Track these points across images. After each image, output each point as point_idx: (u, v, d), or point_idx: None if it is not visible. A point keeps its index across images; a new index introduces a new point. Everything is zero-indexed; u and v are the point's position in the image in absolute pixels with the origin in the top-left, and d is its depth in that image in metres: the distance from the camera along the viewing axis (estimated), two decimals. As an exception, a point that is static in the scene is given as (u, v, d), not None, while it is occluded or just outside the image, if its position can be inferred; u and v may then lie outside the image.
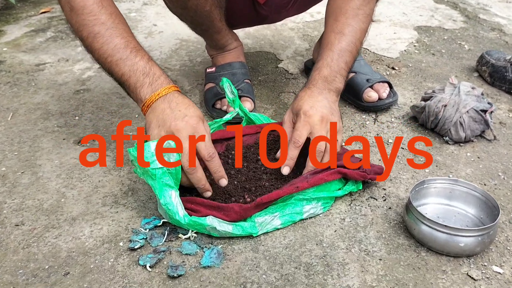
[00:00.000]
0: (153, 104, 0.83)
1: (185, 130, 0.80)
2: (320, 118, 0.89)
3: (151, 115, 0.83)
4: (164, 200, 0.80)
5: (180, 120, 0.80)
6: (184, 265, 0.78)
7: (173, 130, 0.80)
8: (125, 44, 0.86)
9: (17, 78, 1.41)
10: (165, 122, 0.81)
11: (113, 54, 0.85)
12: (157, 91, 0.84)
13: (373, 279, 0.76)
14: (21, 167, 1.02)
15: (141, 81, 0.84)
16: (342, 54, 0.96)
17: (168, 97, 0.84)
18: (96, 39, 0.86)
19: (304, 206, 0.86)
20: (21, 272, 0.77)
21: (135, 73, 0.85)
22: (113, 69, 0.86)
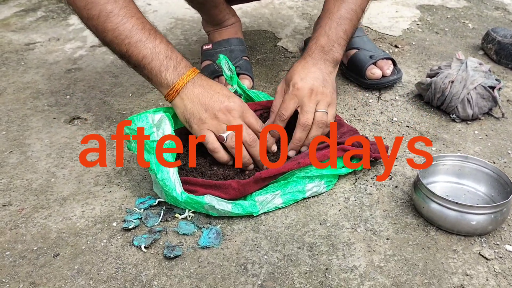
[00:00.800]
0: (183, 90, 0.80)
1: (236, 111, 0.80)
2: (309, 91, 0.85)
3: (187, 101, 0.80)
4: (162, 176, 0.76)
5: (228, 102, 0.80)
6: (181, 246, 0.74)
7: (225, 111, 0.79)
8: (142, 25, 0.80)
9: (5, 57, 1.36)
10: (212, 106, 0.79)
11: (131, 35, 0.79)
12: (184, 75, 0.80)
13: (381, 259, 0.72)
14: (9, 147, 0.97)
15: (165, 65, 0.80)
16: (341, 22, 0.92)
17: (197, 81, 0.81)
18: (109, 19, 0.79)
19: (306, 184, 0.82)
20: (8, 254, 0.73)
21: (157, 56, 0.79)
22: (131, 51, 0.80)
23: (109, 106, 1.11)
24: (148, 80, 0.83)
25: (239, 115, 0.80)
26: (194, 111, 0.79)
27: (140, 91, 1.17)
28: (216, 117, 0.79)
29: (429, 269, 0.70)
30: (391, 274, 0.69)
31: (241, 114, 0.81)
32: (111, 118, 1.07)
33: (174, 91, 0.80)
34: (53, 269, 0.70)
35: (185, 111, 0.80)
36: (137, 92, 1.17)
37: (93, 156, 0.94)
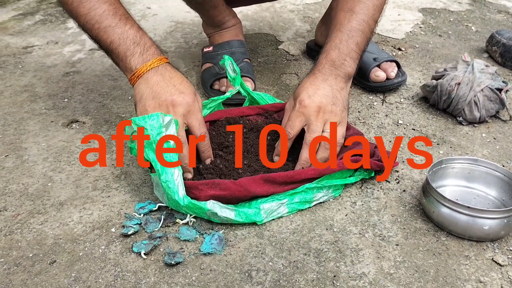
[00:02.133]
0: (144, 75, 0.79)
1: (181, 107, 0.78)
2: (316, 109, 0.81)
3: (142, 85, 0.79)
4: (166, 177, 0.73)
5: (177, 96, 0.78)
6: (183, 252, 0.71)
7: (169, 104, 0.77)
8: (114, 11, 0.81)
9: (3, 61, 1.33)
10: (160, 95, 0.78)
11: (101, 20, 0.80)
12: (149, 61, 0.80)
13: (391, 265, 0.69)
14: (5, 151, 0.95)
15: (131, 50, 0.80)
16: (352, 35, 0.86)
17: (161, 70, 0.80)
18: (82, 4, 0.80)
19: (315, 194, 0.79)
20: (2, 261, 0.70)
21: (125, 41, 0.80)
22: (100, 36, 0.80)
23: (108, 109, 1.09)
24: (116, 65, 0.83)
25: (182, 113, 0.78)
26: (143, 96, 0.78)
27: (139, 94, 1.14)
28: (158, 107, 0.77)
29: (441, 276, 0.68)
30: (401, 281, 0.67)
31: (185, 113, 0.78)
32: (110, 121, 1.04)
33: (135, 76, 0.80)
34: (49, 277, 0.67)
35: (137, 94, 0.79)
36: (136, 95, 1.14)
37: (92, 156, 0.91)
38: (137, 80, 0.79)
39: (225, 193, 0.75)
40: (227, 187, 0.76)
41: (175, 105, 0.77)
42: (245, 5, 1.39)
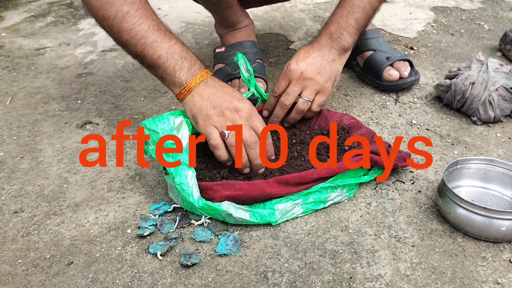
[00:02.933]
0: (195, 88, 0.79)
1: (244, 112, 0.79)
2: (299, 74, 0.88)
3: (197, 98, 0.79)
4: (180, 180, 0.73)
5: (237, 102, 0.79)
6: (198, 253, 0.71)
7: (233, 110, 0.78)
8: (158, 27, 0.81)
9: (16, 62, 1.34)
10: (221, 104, 0.78)
11: (147, 36, 0.79)
12: (197, 75, 0.80)
13: (407, 267, 0.69)
14: (20, 152, 0.95)
15: (179, 65, 0.80)
16: (352, 10, 0.91)
17: (210, 82, 0.81)
18: (126, 19, 0.79)
19: (329, 194, 0.79)
20: (20, 262, 0.70)
21: (173, 56, 0.80)
22: (147, 51, 0.80)
23: (121, 110, 1.09)
24: (161, 79, 0.83)
25: (246, 117, 0.79)
26: (202, 107, 0.79)
27: (152, 95, 1.15)
28: (223, 114, 0.78)
29: (458, 277, 0.67)
30: (418, 283, 0.66)
31: (248, 117, 0.80)
32: (124, 122, 1.05)
33: (186, 90, 0.80)
34: (67, 277, 0.68)
35: (194, 107, 0.79)
36: (149, 96, 1.15)
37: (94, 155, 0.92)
38: (188, 94, 0.80)
39: (240, 193, 0.75)
40: (242, 188, 0.76)
41: (238, 111, 0.78)
42: (256, 6, 1.39)
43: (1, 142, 0.99)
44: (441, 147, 0.95)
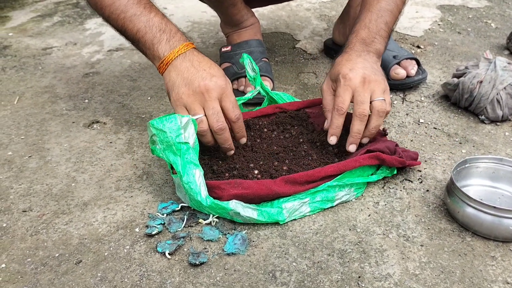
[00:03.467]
0: (173, 62, 0.79)
1: (215, 91, 0.77)
2: (361, 80, 0.81)
3: (173, 73, 0.79)
4: (187, 178, 0.73)
5: (209, 80, 0.77)
6: (206, 252, 0.71)
7: (203, 90, 0.77)
8: (138, 0, 0.81)
9: (23, 62, 1.35)
10: (192, 82, 0.77)
11: (126, 10, 0.80)
12: (176, 48, 0.79)
13: (416, 266, 0.68)
14: (28, 151, 0.96)
15: (158, 38, 0.79)
16: (381, 14, 0.89)
17: (188, 55, 0.79)
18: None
19: (337, 192, 0.79)
20: (29, 260, 0.71)
21: (151, 29, 0.80)
22: (126, 25, 0.81)
23: (128, 109, 1.09)
24: (143, 53, 0.84)
25: (216, 96, 0.77)
26: (176, 83, 0.78)
27: (158, 95, 1.15)
28: (193, 94, 0.77)
29: (467, 277, 0.67)
30: (427, 282, 0.66)
31: (219, 96, 0.78)
32: (131, 121, 1.05)
33: (164, 64, 0.80)
34: (76, 276, 0.68)
35: (169, 82, 0.79)
36: (155, 96, 1.15)
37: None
38: (166, 68, 0.79)
39: (248, 192, 0.75)
40: (250, 186, 0.76)
41: (208, 90, 0.77)
42: (261, 6, 1.39)
43: (9, 141, 0.99)
44: (449, 146, 0.95)
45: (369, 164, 0.80)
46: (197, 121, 0.77)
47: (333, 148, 0.86)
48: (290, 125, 0.95)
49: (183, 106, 0.78)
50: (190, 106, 0.78)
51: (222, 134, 0.78)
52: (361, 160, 0.78)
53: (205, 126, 0.78)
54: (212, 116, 0.77)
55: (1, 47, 1.45)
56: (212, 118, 0.77)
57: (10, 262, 0.71)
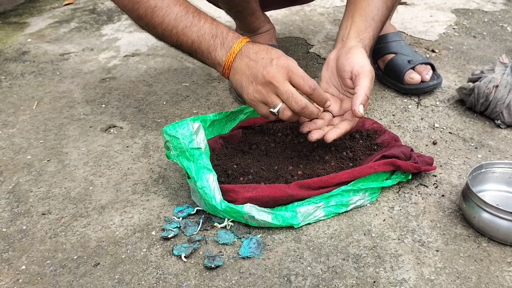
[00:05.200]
0: (233, 65, 0.78)
1: (280, 74, 0.75)
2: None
3: (236, 76, 0.78)
4: (201, 183, 0.74)
5: (270, 66, 0.75)
6: (222, 256, 0.72)
7: (268, 79, 0.75)
8: (186, 11, 0.80)
9: (41, 67, 1.38)
10: (256, 76, 0.76)
11: (177, 24, 0.80)
12: (231, 49, 0.78)
13: (431, 271, 0.68)
14: (47, 155, 0.98)
15: (212, 45, 0.79)
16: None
17: (245, 52, 0.78)
18: (155, 14, 0.80)
19: (351, 197, 0.79)
20: (48, 262, 0.72)
21: (204, 37, 0.79)
22: (181, 39, 0.80)
23: (144, 114, 1.11)
24: (204, 63, 0.83)
25: (284, 78, 0.75)
26: (243, 84, 0.78)
27: (174, 99, 1.17)
28: (262, 87, 0.76)
29: (483, 282, 0.67)
30: (443, 287, 0.66)
31: (286, 77, 0.75)
32: (147, 126, 1.06)
33: (226, 69, 0.79)
34: (94, 278, 0.69)
35: (237, 86, 0.79)
36: (171, 101, 1.16)
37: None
38: (229, 72, 0.79)
39: (262, 195, 0.76)
40: (264, 189, 0.76)
41: (273, 76, 0.74)
42: (276, 9, 1.40)
43: (29, 145, 1.01)
44: (465, 150, 0.94)
45: (384, 170, 0.80)
46: (280, 111, 0.76)
47: (347, 153, 0.86)
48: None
49: (260, 103, 0.77)
50: (266, 100, 0.76)
51: (306, 110, 0.76)
52: (376, 166, 0.78)
53: (289, 112, 0.76)
54: (289, 100, 0.75)
55: (20, 52, 1.48)
56: (290, 101, 0.75)
57: (30, 264, 0.72)
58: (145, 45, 1.49)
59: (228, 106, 1.12)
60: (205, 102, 1.14)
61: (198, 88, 1.21)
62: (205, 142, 0.79)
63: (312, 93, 0.77)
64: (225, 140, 0.91)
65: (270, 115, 0.78)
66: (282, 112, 0.76)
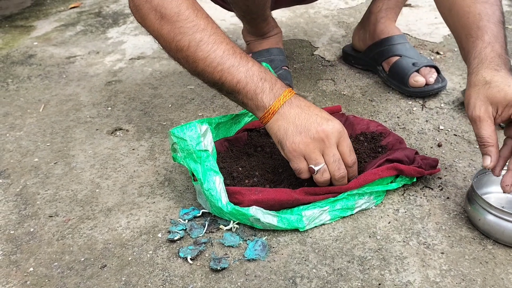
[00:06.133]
0: (279, 110, 0.75)
1: (334, 136, 0.74)
2: None
3: (282, 121, 0.75)
4: (208, 185, 0.75)
5: (326, 125, 0.74)
6: (227, 258, 0.72)
7: (322, 136, 0.74)
8: (233, 50, 0.77)
9: (48, 70, 1.39)
10: (309, 128, 0.74)
11: (223, 62, 0.76)
12: (280, 96, 0.76)
13: (436, 274, 0.68)
14: (54, 158, 0.99)
15: (260, 87, 0.76)
16: (501, 26, 0.78)
17: (295, 102, 0.76)
18: (200, 48, 0.76)
19: (356, 200, 0.79)
20: (56, 264, 0.73)
21: (252, 78, 0.76)
22: (225, 77, 0.76)
23: (149, 117, 1.12)
24: (242, 105, 0.79)
25: (335, 141, 0.74)
26: (288, 131, 0.75)
27: (179, 102, 1.17)
28: (311, 141, 0.74)
29: (489, 285, 0.67)
30: (448, 290, 0.66)
31: (337, 141, 0.75)
32: (152, 129, 1.07)
33: (270, 113, 0.76)
34: (101, 280, 0.70)
35: (279, 131, 0.76)
36: (176, 103, 1.17)
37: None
38: (272, 117, 0.76)
39: (268, 197, 0.76)
40: (270, 192, 0.77)
41: (328, 136, 0.74)
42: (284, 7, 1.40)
43: (36, 148, 1.02)
44: (470, 153, 0.94)
45: (388, 175, 0.80)
46: (320, 171, 0.75)
47: None
48: None
49: (301, 155, 0.75)
50: (309, 155, 0.74)
51: (342, 180, 0.77)
52: (380, 172, 0.79)
53: (327, 176, 0.76)
54: (333, 164, 0.75)
55: (27, 56, 1.49)
56: (333, 165, 0.75)
57: (37, 266, 0.73)
58: (151, 48, 1.50)
59: (233, 109, 1.13)
60: (210, 105, 1.15)
61: (203, 91, 1.21)
62: (212, 145, 0.79)
63: (351, 166, 0.77)
64: (230, 143, 0.92)
65: (304, 172, 0.76)
66: (321, 172, 0.75)
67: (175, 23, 0.77)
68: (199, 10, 0.79)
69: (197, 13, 0.78)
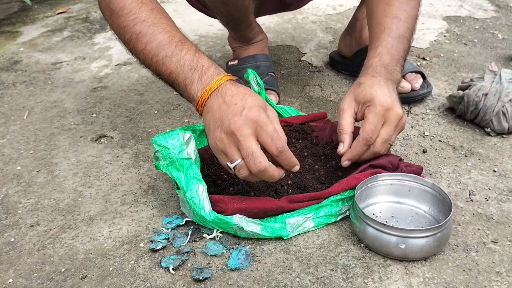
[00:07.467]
0: (207, 102, 0.71)
1: (246, 127, 0.67)
2: (396, 115, 0.79)
3: (207, 115, 0.71)
4: (191, 194, 0.74)
5: (238, 116, 0.67)
6: (210, 267, 0.72)
7: (233, 130, 0.67)
8: (169, 39, 0.75)
9: (33, 77, 1.38)
10: (223, 122, 0.68)
11: (158, 52, 0.74)
12: (208, 85, 0.71)
13: (419, 282, 0.68)
14: (36, 166, 0.97)
15: (189, 78, 0.72)
16: (400, 41, 0.87)
17: (221, 90, 0.71)
18: (139, 40, 0.76)
19: (340, 207, 0.79)
20: (36, 275, 0.72)
21: (182, 69, 0.73)
22: (160, 69, 0.75)
23: (135, 124, 1.11)
24: (181, 96, 0.77)
25: (249, 133, 0.67)
26: (210, 127, 0.71)
27: (165, 109, 1.17)
28: (225, 136, 0.69)
29: (472, 293, 0.67)
30: (431, 298, 0.66)
31: (253, 132, 0.68)
32: (137, 136, 1.06)
33: (200, 105, 0.73)
34: (81, 291, 0.69)
35: (205, 126, 0.73)
36: (162, 110, 1.16)
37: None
38: (203, 109, 0.73)
39: (252, 206, 0.76)
40: (254, 201, 0.76)
41: (238, 128, 0.67)
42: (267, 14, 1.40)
43: (19, 156, 1.01)
44: (454, 159, 0.94)
45: None
46: (236, 167, 0.69)
47: (336, 162, 0.86)
48: (295, 138, 0.95)
49: (221, 153, 0.70)
50: (226, 151, 0.69)
51: (264, 174, 0.69)
52: (363, 177, 0.79)
53: (245, 172, 0.69)
54: (247, 158, 0.67)
55: (12, 62, 1.48)
56: (247, 160, 0.68)
57: (17, 277, 0.72)
58: (137, 54, 1.49)
59: (219, 115, 1.12)
60: (196, 112, 1.14)
61: (190, 97, 1.21)
62: (195, 153, 0.78)
63: (278, 155, 0.69)
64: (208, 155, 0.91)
65: (226, 167, 0.71)
66: (238, 169, 0.69)
67: (120, 17, 0.78)
68: (145, 3, 0.78)
69: (141, 6, 0.78)
